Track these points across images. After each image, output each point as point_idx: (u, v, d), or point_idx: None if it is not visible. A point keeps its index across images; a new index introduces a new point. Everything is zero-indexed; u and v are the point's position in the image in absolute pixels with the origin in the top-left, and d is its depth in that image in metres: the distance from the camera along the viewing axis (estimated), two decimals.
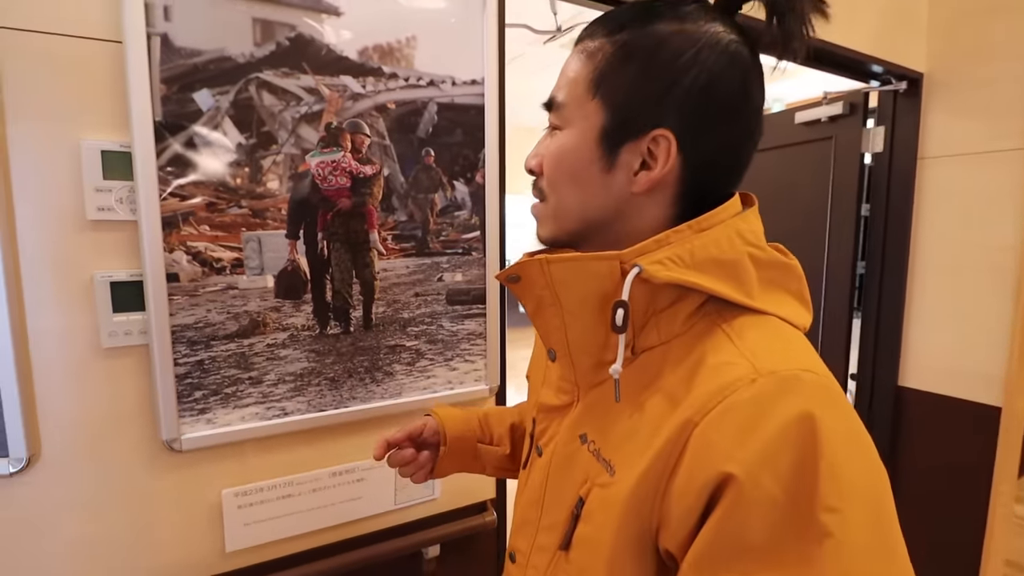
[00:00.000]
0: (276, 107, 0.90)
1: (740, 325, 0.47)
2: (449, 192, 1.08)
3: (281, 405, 0.95)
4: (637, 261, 0.46)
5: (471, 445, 0.80)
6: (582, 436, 0.54)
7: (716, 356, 0.45)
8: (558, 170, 0.52)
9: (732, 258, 0.48)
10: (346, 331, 1.00)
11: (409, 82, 1.01)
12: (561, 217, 0.54)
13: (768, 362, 0.43)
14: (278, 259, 0.93)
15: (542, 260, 0.50)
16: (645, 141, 0.49)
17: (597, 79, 0.49)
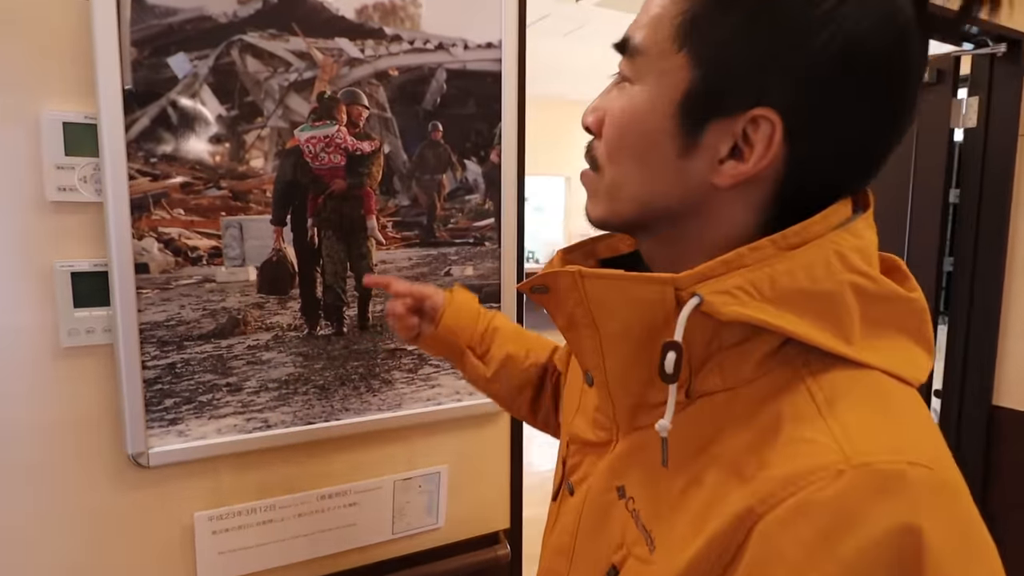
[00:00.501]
0: (262, 74, 0.90)
1: (832, 384, 0.40)
2: (459, 173, 1.08)
3: (263, 416, 0.96)
4: (697, 289, 0.40)
5: (459, 346, 0.83)
6: (620, 489, 0.51)
7: (795, 427, 0.39)
8: (620, 137, 0.46)
9: (828, 289, 0.41)
10: (339, 332, 1.01)
11: (414, 45, 1.00)
12: (616, 197, 0.48)
13: (864, 445, 0.36)
14: (262, 248, 0.94)
15: (575, 273, 0.45)
16: (741, 121, 0.42)
17: (688, 23, 0.42)
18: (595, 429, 0.55)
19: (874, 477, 0.35)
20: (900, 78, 0.42)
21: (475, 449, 1.18)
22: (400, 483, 1.10)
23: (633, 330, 0.44)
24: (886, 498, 0.34)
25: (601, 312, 0.46)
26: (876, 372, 0.41)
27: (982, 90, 2.11)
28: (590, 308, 0.46)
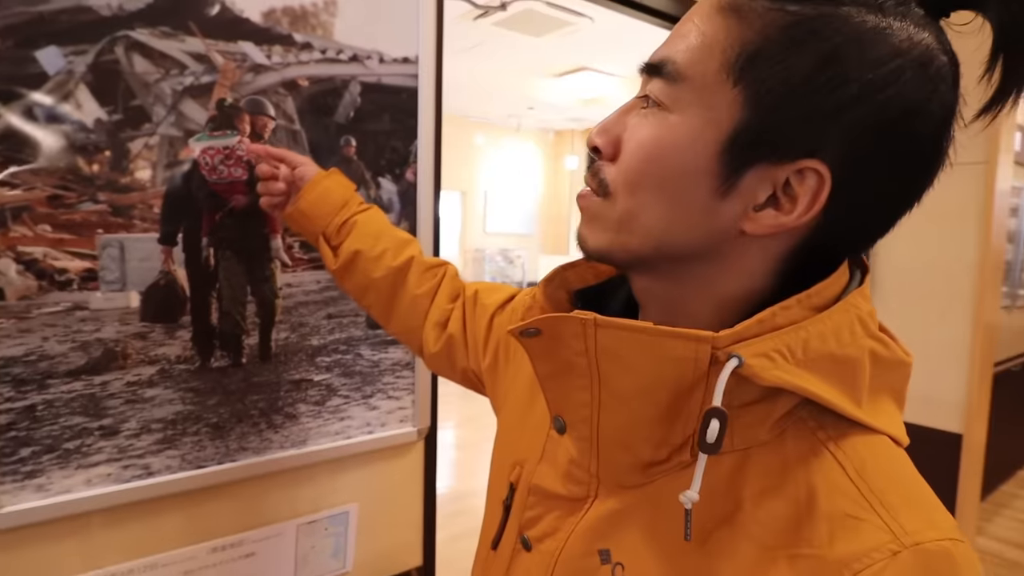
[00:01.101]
0: (152, 75, 0.79)
1: (854, 451, 0.39)
2: (374, 191, 1.01)
3: (144, 462, 0.84)
4: (735, 350, 0.38)
5: (314, 232, 0.80)
6: (604, 553, 0.46)
7: (834, 501, 0.37)
8: (649, 167, 0.42)
9: (851, 355, 0.40)
10: (236, 363, 0.90)
11: (326, 55, 0.93)
12: (628, 228, 0.43)
13: (909, 524, 0.36)
14: (147, 271, 0.82)
15: (587, 321, 0.41)
16: (787, 170, 0.39)
17: (747, 58, 0.38)
18: (567, 483, 0.49)
19: (927, 558, 0.35)
20: (937, 154, 0.41)
21: (387, 483, 1.10)
22: (304, 527, 1.00)
23: (654, 390, 0.41)
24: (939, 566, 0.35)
25: (613, 365, 0.42)
26: (884, 437, 0.41)
27: None
28: (597, 359, 0.42)
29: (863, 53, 0.37)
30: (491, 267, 7.33)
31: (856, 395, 0.40)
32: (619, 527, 0.46)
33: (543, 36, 4.44)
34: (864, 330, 0.41)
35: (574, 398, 0.45)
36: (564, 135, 7.34)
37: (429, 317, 0.78)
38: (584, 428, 0.46)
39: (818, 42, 0.37)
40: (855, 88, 0.37)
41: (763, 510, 0.39)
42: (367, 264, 0.78)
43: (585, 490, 0.48)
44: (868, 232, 0.44)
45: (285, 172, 0.82)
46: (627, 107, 0.45)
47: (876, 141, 0.39)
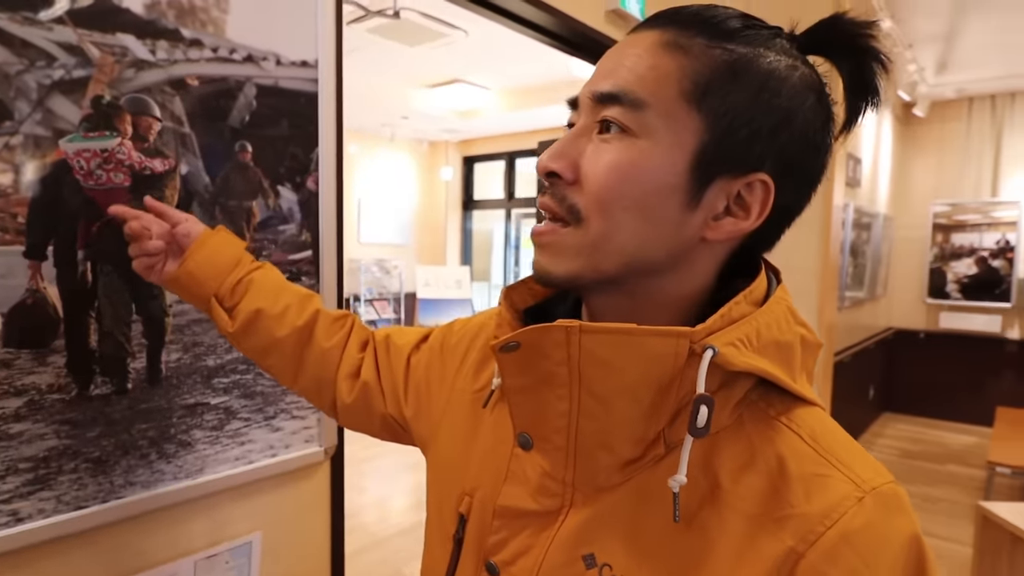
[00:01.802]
0: (12, 66, 0.69)
1: (801, 420, 0.44)
2: (272, 200, 0.94)
3: (12, 507, 0.72)
4: (709, 342, 0.41)
5: (204, 295, 0.72)
6: (588, 558, 0.45)
7: (800, 464, 0.42)
8: (625, 188, 0.44)
9: (789, 340, 0.45)
10: (121, 390, 0.80)
11: (218, 53, 0.86)
12: (601, 250, 0.45)
13: (862, 472, 0.42)
14: (10, 289, 0.71)
15: (572, 328, 0.42)
16: (740, 183, 0.45)
17: (703, 88, 0.43)
18: (539, 497, 0.48)
19: (884, 499, 0.41)
20: (825, 166, 0.49)
21: (292, 508, 1.02)
22: (203, 562, 0.90)
23: (638, 387, 0.43)
24: (897, 516, 0.41)
25: (596, 369, 0.43)
26: (816, 406, 0.46)
27: None
28: (580, 366, 0.43)
29: (782, 84, 0.44)
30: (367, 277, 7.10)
31: (793, 374, 0.45)
32: (600, 529, 0.46)
33: (417, 46, 4.39)
34: (794, 319, 0.47)
35: (550, 409, 0.46)
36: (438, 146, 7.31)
37: (340, 369, 0.73)
38: (559, 438, 0.46)
39: (752, 75, 0.44)
40: (783, 112, 0.44)
41: (741, 485, 0.42)
42: (269, 323, 0.71)
43: (559, 501, 0.48)
44: (779, 233, 0.51)
45: (160, 229, 0.72)
46: (577, 132, 0.47)
47: (795, 155, 0.46)
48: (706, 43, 0.44)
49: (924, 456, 4.60)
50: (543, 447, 0.48)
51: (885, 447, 4.79)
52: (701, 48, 0.44)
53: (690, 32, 0.45)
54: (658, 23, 0.46)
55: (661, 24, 0.46)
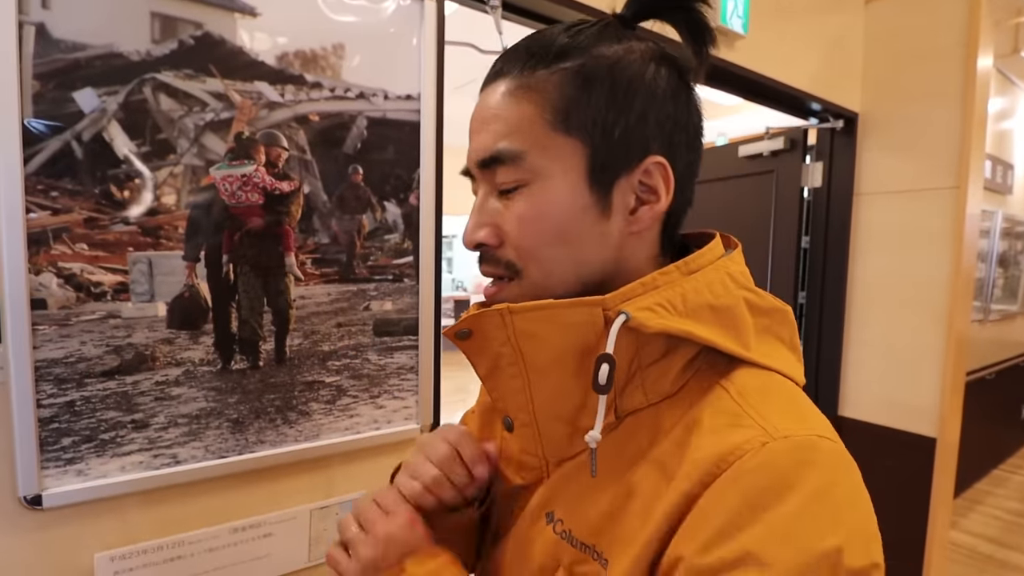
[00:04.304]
0: (176, 112, 0.79)
1: (740, 381, 0.40)
2: (379, 213, 0.98)
3: (172, 452, 0.82)
4: (623, 307, 0.39)
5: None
6: (548, 515, 0.45)
7: (716, 417, 0.39)
8: (540, 233, 0.42)
9: (727, 304, 0.42)
10: (254, 366, 0.88)
11: (335, 93, 0.91)
12: (549, 287, 0.43)
13: (780, 423, 0.37)
14: (172, 284, 0.81)
15: (503, 310, 0.42)
16: (638, 173, 0.43)
17: (563, 112, 0.41)
18: (521, 471, 0.48)
19: (794, 447, 0.35)
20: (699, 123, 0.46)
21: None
22: (317, 511, 0.97)
23: (565, 355, 0.42)
24: (806, 465, 0.34)
25: (529, 343, 0.42)
26: (772, 372, 0.42)
27: (825, 157, 2.22)
28: (518, 342, 0.42)
29: (628, 71, 0.41)
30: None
31: (742, 338, 0.41)
32: (560, 491, 0.46)
33: None
34: (735, 283, 0.43)
35: (510, 387, 0.45)
36: None
37: None
38: (524, 415, 0.45)
39: (599, 78, 0.41)
40: (641, 96, 0.42)
41: (663, 445, 0.40)
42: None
43: (537, 474, 0.48)
44: (688, 201, 0.47)
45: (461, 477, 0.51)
46: (483, 199, 0.45)
47: (669, 124, 0.43)
48: (546, 71, 0.42)
49: None
50: (518, 427, 0.47)
51: None
52: (543, 78, 0.42)
53: (527, 69, 0.42)
54: (499, 73, 0.44)
55: (502, 73, 0.44)
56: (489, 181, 0.44)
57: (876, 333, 2.20)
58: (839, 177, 2.21)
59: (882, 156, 2.14)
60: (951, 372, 2.05)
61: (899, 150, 2.10)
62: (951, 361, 2.04)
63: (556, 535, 0.44)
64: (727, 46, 1.55)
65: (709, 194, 2.50)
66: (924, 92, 2.01)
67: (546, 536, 0.44)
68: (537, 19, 1.22)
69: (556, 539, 0.44)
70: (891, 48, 2.09)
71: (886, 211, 2.14)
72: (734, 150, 2.40)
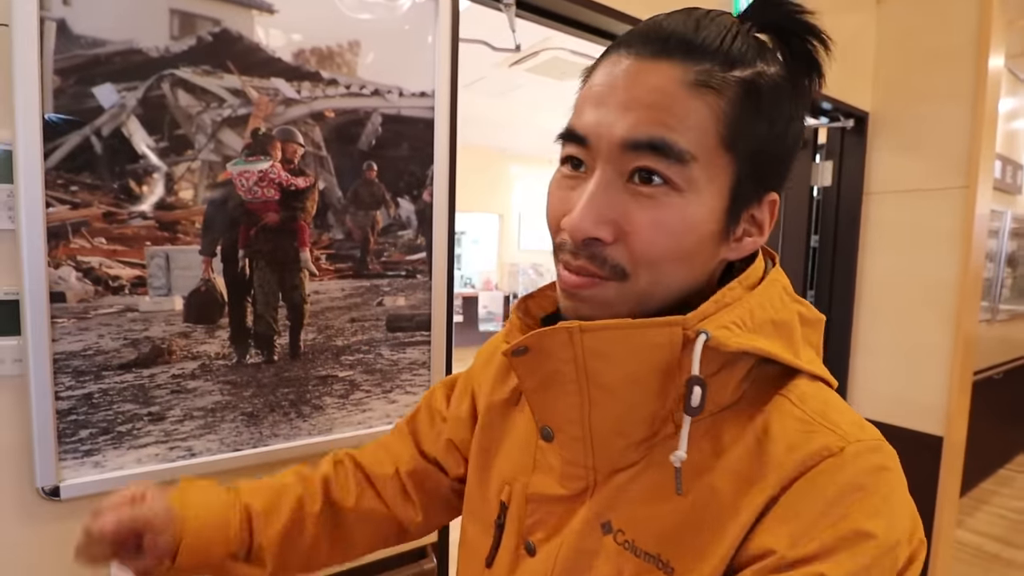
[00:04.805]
0: (194, 108, 0.78)
1: (798, 391, 0.41)
2: (393, 210, 0.98)
3: (187, 444, 0.82)
4: (702, 327, 0.38)
5: (217, 562, 0.53)
6: (605, 525, 0.44)
7: (784, 423, 0.39)
8: (671, 246, 0.39)
9: (785, 318, 0.42)
10: (269, 360, 0.88)
11: (351, 90, 0.91)
12: (649, 298, 0.41)
13: (848, 429, 0.38)
14: (189, 278, 0.81)
15: (572, 329, 0.40)
16: (758, 206, 0.42)
17: (733, 130, 0.38)
18: (565, 482, 0.47)
19: (866, 449, 0.38)
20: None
21: None
22: None
23: (640, 374, 0.40)
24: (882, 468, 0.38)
25: (600, 362, 0.41)
26: (820, 380, 0.42)
27: (835, 156, 2.19)
28: (585, 362, 0.41)
29: (784, 100, 0.40)
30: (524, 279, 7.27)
31: (794, 348, 0.42)
32: (617, 501, 0.44)
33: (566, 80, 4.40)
34: (790, 298, 0.44)
35: (565, 402, 0.43)
36: None
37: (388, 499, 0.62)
38: (575, 429, 0.44)
39: (765, 101, 0.38)
40: (790, 130, 0.41)
41: (734, 454, 0.40)
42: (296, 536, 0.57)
43: (583, 484, 0.46)
44: None
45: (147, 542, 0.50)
46: (606, 187, 0.39)
47: (791, 164, 0.42)
48: (723, 75, 0.38)
49: None
50: (562, 438, 0.46)
51: None
52: (721, 83, 0.38)
53: (707, 65, 0.38)
54: (671, 54, 0.38)
55: (677, 56, 0.38)
56: (623, 164, 0.38)
57: (884, 332, 2.17)
58: (849, 176, 2.18)
59: (892, 155, 2.11)
60: (958, 371, 2.02)
61: (909, 149, 2.07)
62: (959, 360, 2.01)
63: (618, 545, 0.43)
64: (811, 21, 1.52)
65: None
66: (934, 91, 1.98)
67: (607, 547, 0.43)
68: (551, 17, 1.20)
69: (619, 550, 0.42)
70: (902, 48, 2.06)
71: (895, 210, 2.11)
72: None
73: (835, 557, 0.35)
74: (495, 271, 7.90)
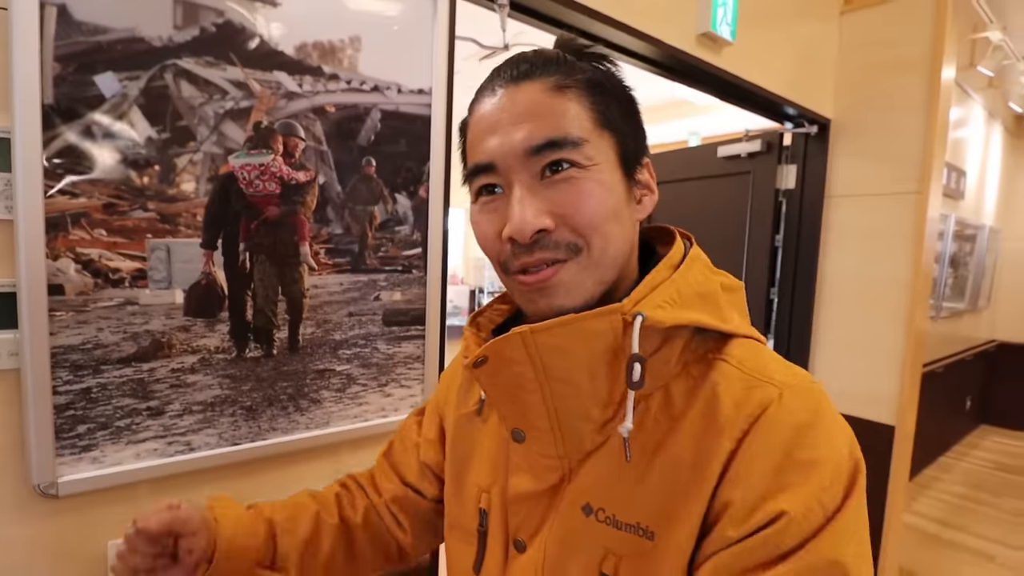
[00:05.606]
0: (196, 99, 0.78)
1: (732, 352, 0.46)
2: (390, 205, 0.99)
3: (186, 439, 0.82)
4: (637, 309, 0.44)
5: (247, 568, 0.58)
6: (585, 507, 0.47)
7: (729, 383, 0.44)
8: (602, 210, 0.46)
9: (710, 289, 0.48)
10: (268, 354, 0.88)
11: (351, 85, 0.91)
12: (605, 263, 0.47)
13: (781, 377, 0.44)
14: (190, 271, 0.80)
15: (524, 333, 0.44)
16: (644, 169, 0.50)
17: (600, 112, 0.47)
18: (543, 475, 0.50)
19: (800, 392, 0.43)
20: None
21: None
22: None
23: (592, 362, 0.45)
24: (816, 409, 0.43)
25: (554, 357, 0.45)
26: (747, 339, 0.48)
27: (799, 160, 2.30)
28: (541, 359, 0.45)
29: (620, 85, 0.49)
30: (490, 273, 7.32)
31: (723, 316, 0.48)
32: (592, 483, 0.48)
33: None
34: (711, 272, 0.50)
35: (527, 402, 0.47)
36: None
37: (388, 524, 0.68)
38: (543, 423, 0.48)
39: (606, 88, 0.48)
40: (633, 106, 0.50)
41: (688, 419, 0.45)
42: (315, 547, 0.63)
43: (559, 474, 0.50)
44: None
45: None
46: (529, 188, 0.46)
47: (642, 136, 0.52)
48: (570, 78, 0.47)
49: (1020, 471, 3.97)
50: (534, 435, 0.49)
51: (979, 459, 4.19)
52: (572, 83, 0.46)
53: (557, 75, 0.46)
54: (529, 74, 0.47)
55: (534, 75, 0.46)
56: (532, 168, 0.45)
57: (842, 328, 2.30)
58: (811, 180, 2.29)
59: (852, 161, 2.23)
60: (909, 365, 2.17)
61: (867, 155, 2.20)
62: (910, 355, 2.16)
63: (601, 523, 0.46)
64: (716, 52, 1.59)
65: (688, 192, 2.56)
66: (891, 101, 2.11)
67: (591, 527, 0.47)
68: (541, 18, 1.23)
69: (602, 527, 0.46)
70: (862, 58, 2.18)
71: (854, 213, 2.24)
72: (713, 151, 2.46)
73: (789, 491, 0.40)
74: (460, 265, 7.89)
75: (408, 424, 0.72)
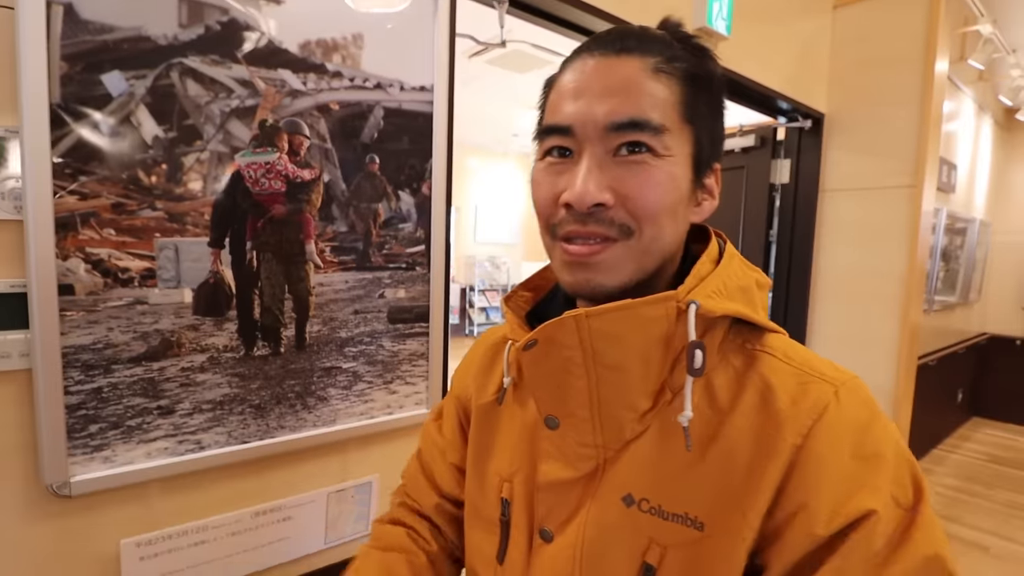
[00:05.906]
0: (202, 98, 0.79)
1: (775, 345, 0.47)
2: (394, 203, 1.00)
3: (196, 438, 0.82)
4: (691, 298, 0.45)
5: None
6: (627, 498, 0.47)
7: (780, 377, 0.45)
8: (662, 200, 0.45)
9: (747, 284, 0.49)
10: (275, 352, 0.89)
11: (355, 83, 0.92)
12: (650, 252, 0.46)
13: (832, 374, 0.45)
14: (198, 270, 0.81)
15: (579, 316, 0.45)
16: (713, 173, 0.50)
17: (688, 104, 0.46)
18: (577, 463, 0.49)
19: (852, 389, 0.45)
20: None
21: (403, 456, 1.08)
22: (334, 495, 0.99)
23: (646, 348, 0.45)
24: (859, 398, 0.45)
25: (607, 343, 0.45)
26: (778, 333, 0.49)
27: (793, 154, 2.33)
28: (592, 345, 0.45)
29: (719, 86, 0.49)
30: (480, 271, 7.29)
31: (757, 310, 0.49)
32: (632, 473, 0.47)
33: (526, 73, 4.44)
34: (747, 268, 0.51)
35: (570, 387, 0.48)
36: None
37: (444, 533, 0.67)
38: (583, 411, 0.48)
39: (703, 83, 0.47)
40: (722, 109, 0.50)
41: (740, 406, 0.45)
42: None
43: (594, 463, 0.49)
44: None
45: None
46: (599, 162, 0.45)
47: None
48: (671, 65, 0.46)
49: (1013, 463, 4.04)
50: (570, 422, 0.49)
51: (971, 451, 4.25)
52: (673, 70, 0.46)
53: (658, 57, 0.46)
54: (629, 50, 0.46)
55: (633, 51, 0.46)
56: (609, 143, 0.45)
57: (837, 321, 2.33)
58: (806, 174, 2.32)
59: (846, 155, 2.27)
60: (904, 358, 2.20)
61: (861, 149, 2.23)
62: (905, 348, 2.19)
63: (644, 513, 0.46)
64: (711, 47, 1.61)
65: None
66: (885, 95, 2.14)
67: (633, 518, 0.46)
68: (537, 13, 1.25)
69: (647, 518, 0.46)
70: (856, 52, 2.21)
71: (848, 207, 2.27)
72: None
73: (868, 486, 0.41)
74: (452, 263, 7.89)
75: (429, 430, 0.70)
